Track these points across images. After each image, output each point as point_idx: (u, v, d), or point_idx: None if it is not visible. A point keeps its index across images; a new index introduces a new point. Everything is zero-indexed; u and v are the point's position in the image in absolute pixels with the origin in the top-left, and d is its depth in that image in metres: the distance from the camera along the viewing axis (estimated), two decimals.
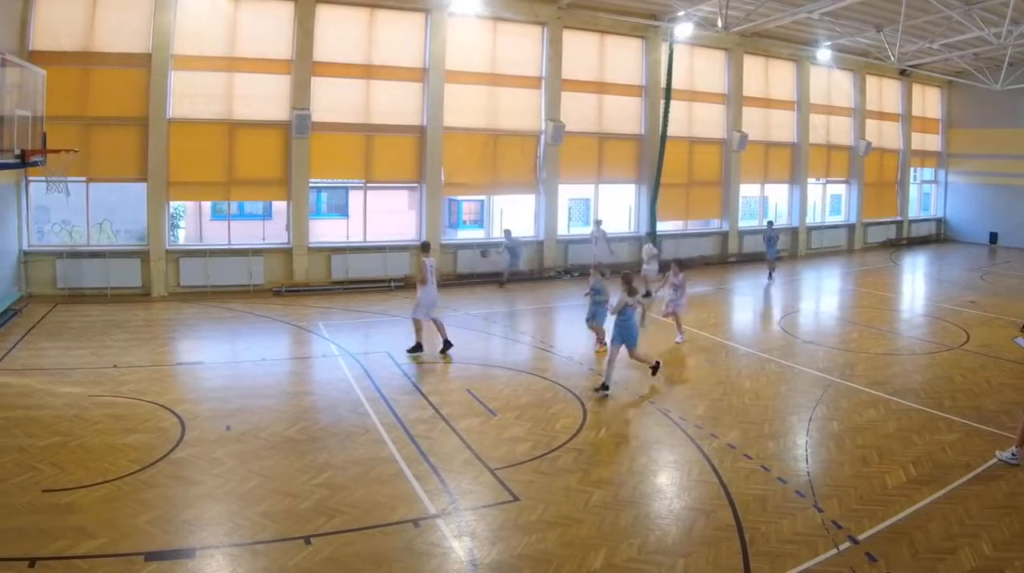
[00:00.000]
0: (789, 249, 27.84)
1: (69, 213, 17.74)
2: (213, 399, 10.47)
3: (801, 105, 27.78)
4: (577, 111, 22.51)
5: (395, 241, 20.76)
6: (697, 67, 25.00)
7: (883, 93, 31.09)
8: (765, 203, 28.61)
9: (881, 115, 30.98)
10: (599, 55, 23.09)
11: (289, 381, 11.89)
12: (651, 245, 19.37)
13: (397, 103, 20.12)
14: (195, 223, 24.02)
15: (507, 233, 20.63)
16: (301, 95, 18.74)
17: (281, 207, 20.33)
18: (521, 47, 21.69)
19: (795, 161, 28.03)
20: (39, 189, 16.14)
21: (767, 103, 26.99)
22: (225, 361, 12.88)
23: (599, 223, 21.19)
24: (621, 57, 23.45)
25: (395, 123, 20.20)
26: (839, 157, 29.81)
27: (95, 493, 7.39)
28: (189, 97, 17.95)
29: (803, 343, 14.75)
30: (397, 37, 19.93)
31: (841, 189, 30.88)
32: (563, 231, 23.35)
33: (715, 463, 8.49)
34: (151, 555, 6.27)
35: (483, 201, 24.19)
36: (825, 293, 22.06)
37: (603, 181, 23.92)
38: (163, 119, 17.55)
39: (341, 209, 25.40)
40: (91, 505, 7.14)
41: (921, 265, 27.39)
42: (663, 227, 24.80)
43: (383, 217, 22.08)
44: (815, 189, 29.44)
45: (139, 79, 17.33)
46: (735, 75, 25.66)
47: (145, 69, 17.32)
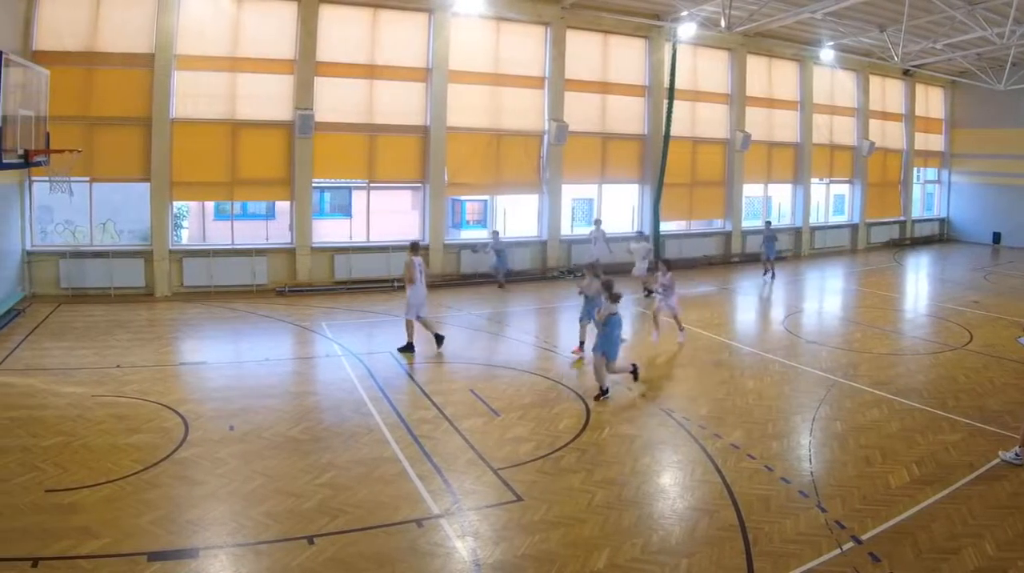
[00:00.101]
0: (792, 249, 27.82)
1: (72, 213, 17.81)
2: (216, 399, 10.48)
3: (804, 105, 27.76)
4: (580, 111, 22.52)
5: (398, 241, 20.61)
6: (700, 67, 25.00)
7: (886, 93, 31.04)
8: (768, 203, 28.57)
9: (884, 115, 30.94)
10: (602, 55, 23.08)
11: (292, 381, 11.89)
12: (642, 243, 19.20)
13: (400, 103, 20.14)
14: (198, 223, 24.03)
15: (494, 234, 20.54)
16: (304, 95, 18.76)
17: (284, 207, 20.35)
18: (524, 47, 21.69)
19: (798, 161, 28.01)
20: (42, 189, 16.19)
21: (770, 103, 26.97)
22: (228, 361, 12.89)
23: (598, 223, 21.19)
24: (624, 57, 23.44)
25: (398, 123, 20.21)
26: (842, 157, 29.78)
27: (98, 493, 7.40)
28: (192, 97, 17.98)
29: (806, 343, 14.73)
30: (400, 37, 19.94)
31: (844, 189, 30.85)
32: (566, 231, 23.34)
33: (718, 463, 8.48)
34: (154, 555, 6.28)
35: (486, 201, 24.18)
36: (828, 293, 22.02)
37: (606, 181, 23.91)
38: (166, 119, 17.58)
39: (344, 209, 25.45)
40: (94, 505, 7.14)
41: (924, 265, 27.34)
42: (666, 227, 24.79)
43: (386, 217, 22.08)
44: (818, 189, 29.42)
45: (142, 79, 17.36)
46: (738, 75, 25.65)
47: (148, 69, 17.36)
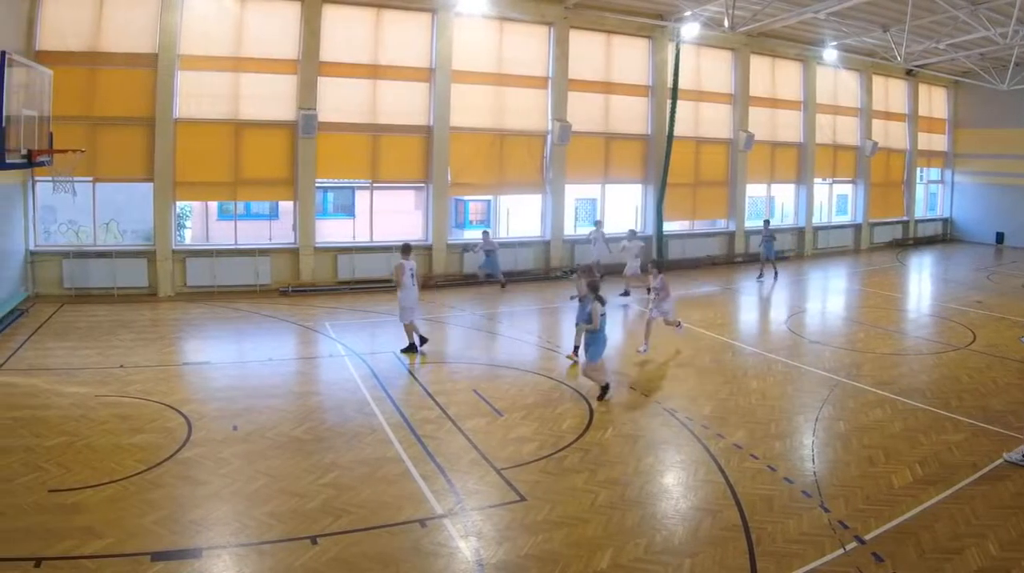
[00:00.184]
0: (796, 249, 27.79)
1: (76, 213, 17.84)
2: (219, 399, 10.48)
3: (807, 105, 27.73)
4: (584, 111, 22.51)
5: (402, 241, 20.57)
6: (703, 67, 24.98)
7: (889, 93, 31.00)
8: (772, 203, 28.56)
9: (887, 115, 30.90)
10: (606, 55, 23.07)
11: (296, 381, 11.89)
12: (635, 242, 19.07)
13: (404, 103, 20.14)
14: (202, 223, 24.06)
15: (484, 234, 20.31)
16: (307, 95, 18.78)
17: (288, 207, 20.35)
18: (528, 47, 21.68)
19: (801, 161, 27.99)
20: (46, 189, 16.20)
21: (773, 103, 26.95)
22: (232, 361, 12.89)
23: (598, 224, 21.18)
24: (628, 57, 23.43)
25: (402, 123, 20.22)
26: (845, 157, 29.74)
27: (101, 493, 7.40)
28: (195, 97, 17.99)
29: (809, 343, 14.71)
30: (404, 37, 19.95)
31: (847, 189, 30.82)
32: (569, 231, 23.34)
33: (721, 463, 8.47)
34: (157, 555, 6.28)
35: (489, 201, 24.18)
36: (831, 293, 21.99)
37: (609, 181, 23.89)
38: (169, 119, 17.61)
39: (347, 209, 25.43)
40: (97, 505, 7.15)
41: (927, 265, 27.29)
42: (670, 227, 24.80)
43: (390, 217, 22.09)
44: (821, 189, 29.38)
45: (146, 79, 17.38)
46: (741, 75, 25.63)
47: (152, 69, 17.37)
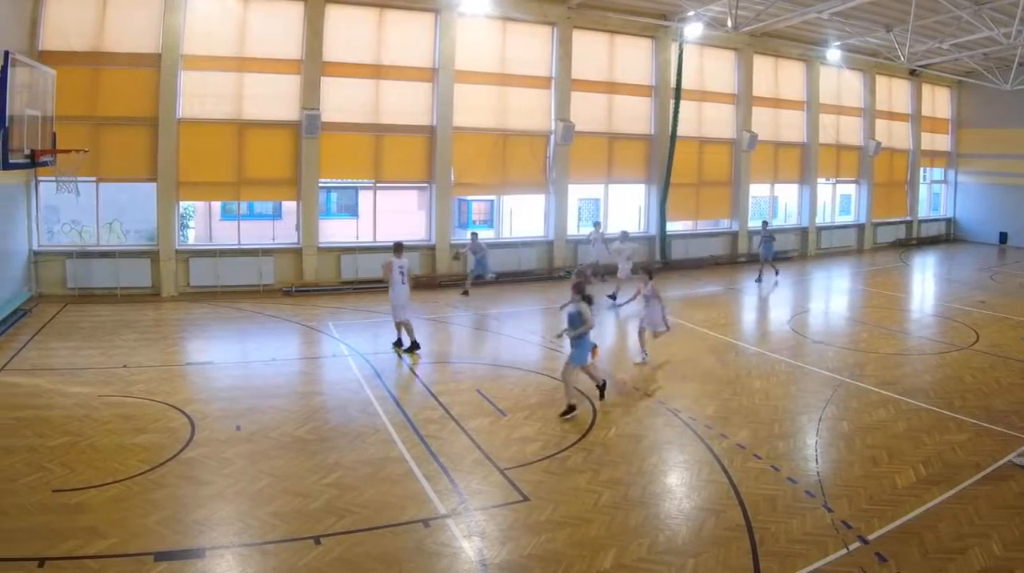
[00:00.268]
0: (799, 249, 27.75)
1: (79, 213, 17.87)
2: (223, 399, 10.49)
3: (811, 105, 27.68)
4: (587, 111, 22.50)
5: (405, 241, 20.40)
6: (707, 67, 24.95)
7: (893, 93, 30.93)
8: (775, 203, 28.52)
9: (891, 115, 30.83)
10: (609, 55, 23.05)
11: (299, 381, 11.91)
12: (627, 244, 18.87)
13: (407, 103, 20.15)
14: (205, 223, 24.04)
15: (473, 236, 19.81)
16: (311, 95, 18.79)
17: (291, 207, 20.36)
18: (531, 47, 21.68)
19: (805, 161, 27.94)
20: (49, 189, 16.23)
21: (777, 103, 26.91)
22: (235, 361, 12.91)
23: (597, 225, 21.17)
24: (631, 57, 23.41)
25: (405, 123, 20.23)
26: (849, 157, 29.68)
27: (105, 493, 7.41)
28: (199, 97, 18.01)
29: (813, 343, 14.70)
30: (407, 37, 19.95)
31: (851, 189, 30.76)
32: (572, 231, 23.32)
33: (725, 463, 8.47)
34: (161, 555, 6.29)
35: (493, 201, 24.16)
36: (835, 293, 21.97)
37: (613, 181, 23.88)
38: (173, 119, 17.63)
39: (351, 209, 25.44)
40: (101, 505, 7.16)
41: (931, 265, 27.25)
42: (673, 227, 24.78)
43: (393, 217, 22.09)
44: (825, 189, 29.31)
45: (149, 79, 17.40)
46: (745, 75, 25.60)
47: (155, 69, 17.39)
